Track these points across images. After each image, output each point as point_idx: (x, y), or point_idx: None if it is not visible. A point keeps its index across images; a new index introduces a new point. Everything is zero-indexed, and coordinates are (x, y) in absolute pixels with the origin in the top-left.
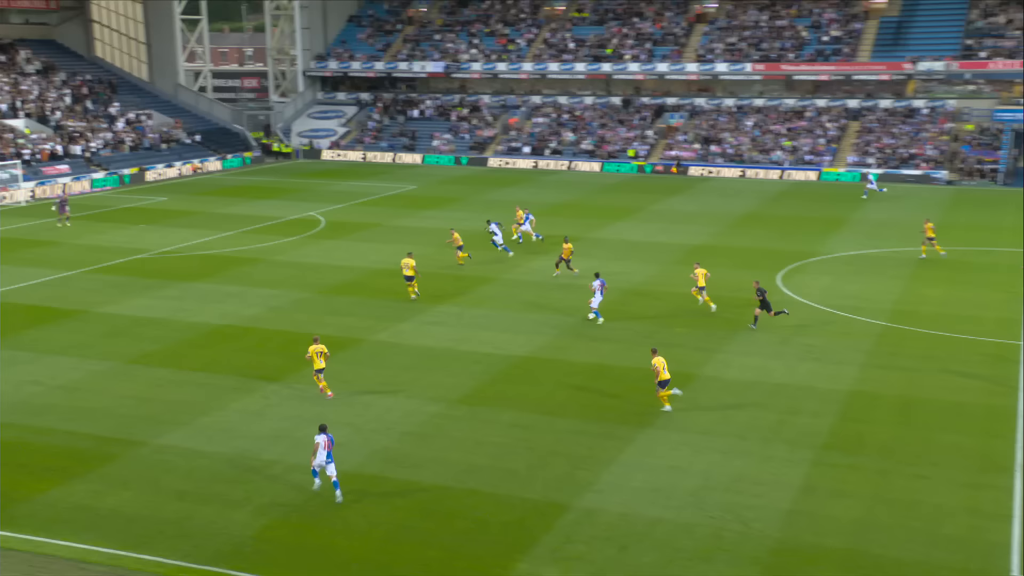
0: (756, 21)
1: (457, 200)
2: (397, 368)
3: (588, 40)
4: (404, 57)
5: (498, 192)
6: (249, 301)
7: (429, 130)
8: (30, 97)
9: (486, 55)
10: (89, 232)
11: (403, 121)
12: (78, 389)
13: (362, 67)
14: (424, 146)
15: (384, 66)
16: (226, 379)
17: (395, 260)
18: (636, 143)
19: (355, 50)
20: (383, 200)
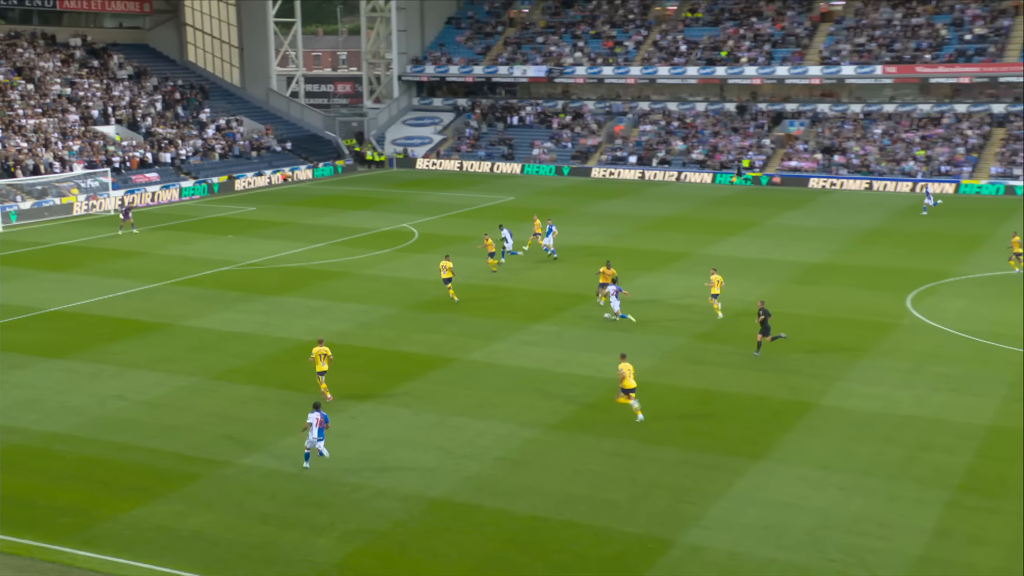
0: (888, 19)
1: (557, 212)
2: (491, 390)
3: (701, 42)
4: (504, 61)
5: (601, 204)
6: (337, 316)
7: (529, 138)
8: (121, 103)
9: (591, 58)
10: (176, 243)
11: (502, 128)
12: (162, 405)
13: (460, 71)
14: (523, 155)
15: (483, 70)
16: (312, 398)
17: (487, 273)
18: (751, 152)
19: (453, 53)
20: (479, 212)
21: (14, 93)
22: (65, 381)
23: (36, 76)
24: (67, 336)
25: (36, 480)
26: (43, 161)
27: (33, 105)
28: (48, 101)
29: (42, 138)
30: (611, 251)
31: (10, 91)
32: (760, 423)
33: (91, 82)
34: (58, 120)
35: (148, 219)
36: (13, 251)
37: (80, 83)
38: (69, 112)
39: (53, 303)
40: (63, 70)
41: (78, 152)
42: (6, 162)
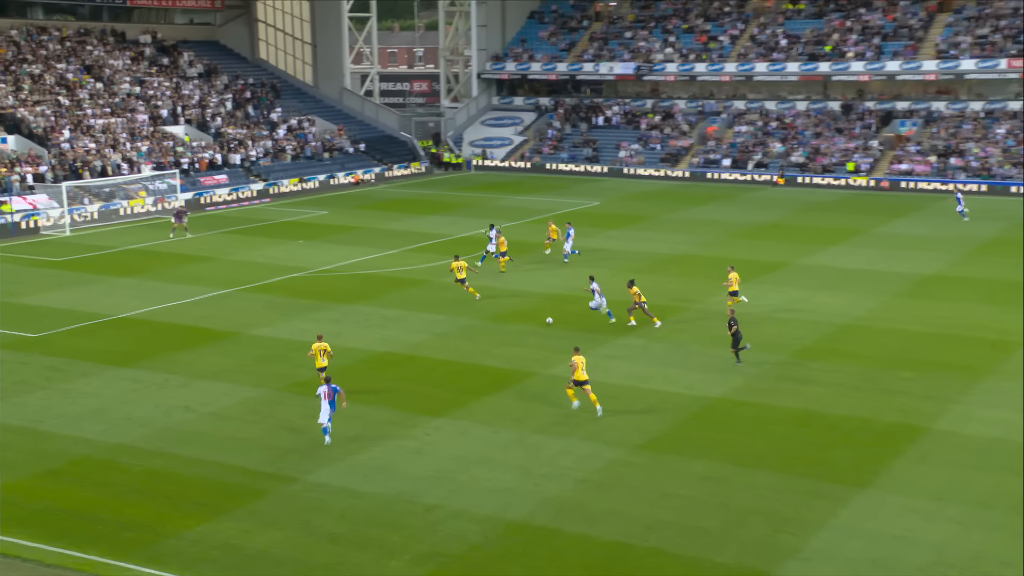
0: (1016, 8)
1: (645, 218)
2: (570, 407)
3: (803, 36)
4: (590, 57)
5: (692, 210)
6: (412, 326)
7: (615, 139)
8: (191, 102)
9: (683, 55)
10: (245, 248)
11: (586, 129)
12: (229, 417)
13: (543, 68)
14: (609, 157)
15: (567, 67)
16: (384, 412)
17: (575, 285)
18: (857, 155)
19: (535, 50)
20: (562, 217)
21: (83, 92)
22: (131, 391)
23: (105, 75)
24: (134, 344)
25: (101, 493)
26: (111, 162)
27: (102, 104)
28: (117, 100)
29: (110, 138)
30: (701, 261)
31: (79, 90)
32: (866, 448)
33: (160, 80)
34: (126, 120)
35: (216, 223)
36: (81, 255)
37: (149, 81)
38: (138, 112)
39: (121, 309)
40: (132, 68)
41: (146, 153)
42: (74, 163)
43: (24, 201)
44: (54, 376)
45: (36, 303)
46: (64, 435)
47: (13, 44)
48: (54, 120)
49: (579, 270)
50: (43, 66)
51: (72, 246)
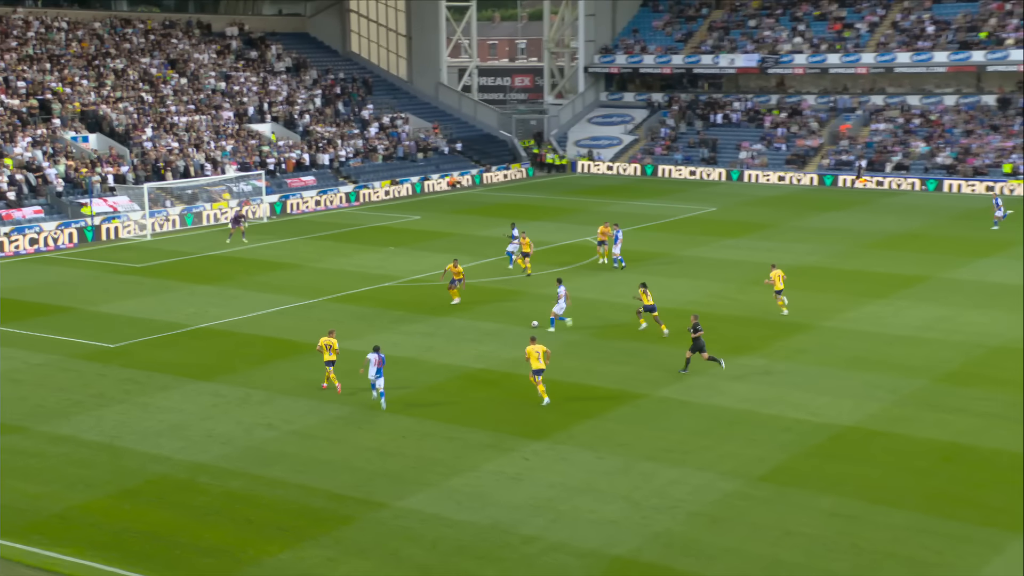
0: None
1: (767, 226)
2: (685, 432)
3: (954, 21)
4: (708, 49)
5: (821, 217)
6: (510, 341)
7: (735, 139)
8: (278, 99)
9: (813, 45)
10: (332, 255)
11: (703, 128)
12: (314, 436)
13: (656, 61)
14: (728, 158)
15: (683, 60)
16: (480, 434)
17: (688, 297)
18: (1015, 155)
19: (648, 41)
20: (675, 224)
21: (167, 88)
22: (212, 406)
23: (190, 69)
24: (215, 356)
25: (179, 515)
26: (194, 163)
27: (186, 101)
28: (201, 97)
29: (194, 137)
30: (830, 273)
31: (163, 85)
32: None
33: (247, 75)
34: (211, 117)
35: (302, 228)
36: (161, 261)
37: (235, 77)
38: (223, 108)
39: (201, 319)
40: (218, 62)
41: (231, 153)
42: (156, 163)
43: (105, 203)
44: (132, 389)
45: (115, 311)
46: (142, 452)
47: (96, 38)
48: (136, 118)
49: (696, 283)
50: (126, 60)
51: (152, 251)
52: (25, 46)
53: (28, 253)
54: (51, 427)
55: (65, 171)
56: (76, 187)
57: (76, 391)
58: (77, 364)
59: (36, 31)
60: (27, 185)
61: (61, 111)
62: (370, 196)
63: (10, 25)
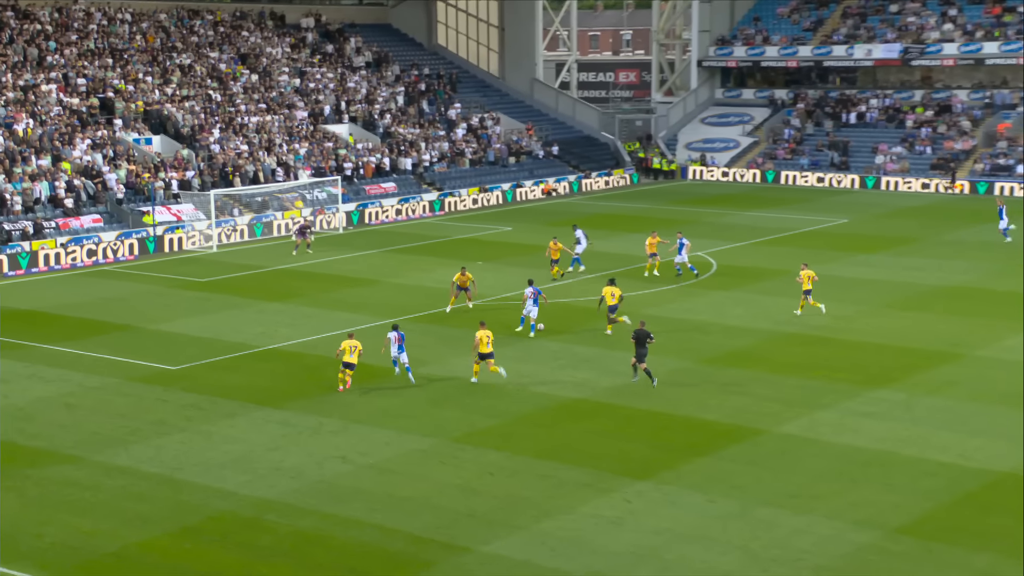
0: None
1: (909, 241)
2: (810, 474)
3: None
4: (841, 39)
5: (973, 231)
6: (609, 368)
7: (871, 141)
8: (357, 97)
9: (966, 32)
10: (414, 269)
11: (833, 128)
12: (392, 471)
13: (780, 53)
14: (862, 163)
15: (812, 52)
16: (575, 471)
17: (816, 321)
18: None
19: (772, 30)
20: (800, 238)
21: (236, 85)
22: (280, 436)
23: (262, 65)
24: (285, 380)
25: (243, 556)
26: (264, 167)
27: (257, 100)
28: (274, 95)
29: (265, 139)
30: (984, 295)
31: (232, 83)
32: None
33: (323, 71)
34: (283, 118)
35: (381, 239)
36: (227, 275)
37: (311, 73)
38: (297, 108)
39: (270, 339)
40: (292, 57)
41: (305, 156)
42: (224, 168)
43: (168, 212)
44: (195, 416)
45: (177, 330)
46: (204, 486)
47: (162, 30)
48: (203, 118)
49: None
50: (193, 55)
51: (219, 264)
52: (86, 40)
53: (86, 266)
54: (107, 457)
55: (126, 176)
56: (138, 194)
57: (134, 417)
58: (136, 388)
59: (98, 23)
60: (85, 192)
61: (123, 110)
62: (456, 205)
63: (71, 18)
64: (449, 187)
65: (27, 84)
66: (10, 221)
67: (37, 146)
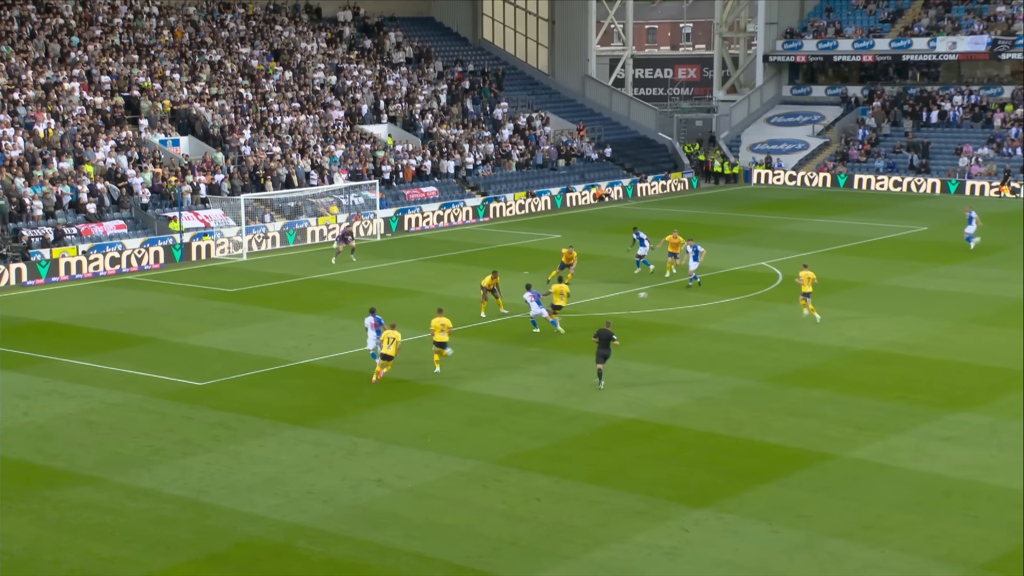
0: None
1: (994, 250)
2: (886, 504)
3: None
4: (922, 31)
5: None
6: (665, 386)
7: (955, 142)
8: (397, 95)
9: None
10: (456, 279)
11: (913, 128)
12: (431, 496)
13: (855, 47)
14: (945, 165)
15: (889, 45)
16: (628, 497)
17: (889, 337)
18: None
19: (845, 22)
20: (875, 247)
21: (269, 83)
22: (313, 457)
23: (296, 61)
24: (318, 398)
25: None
26: (298, 170)
27: (290, 98)
28: (308, 93)
29: (299, 140)
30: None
31: (264, 80)
32: None
33: (361, 68)
34: (318, 117)
35: (422, 247)
36: (258, 285)
37: (348, 69)
38: (333, 107)
39: (303, 354)
40: (328, 53)
41: (340, 159)
42: (255, 171)
43: (196, 218)
44: (222, 435)
45: (204, 344)
46: (231, 509)
47: (191, 24)
48: (234, 117)
49: (901, 319)
50: (224, 51)
51: (249, 274)
52: (111, 35)
53: (108, 274)
54: (129, 478)
55: (152, 180)
56: (164, 198)
57: (159, 436)
58: (160, 405)
59: (123, 17)
60: (109, 196)
61: (149, 110)
62: (502, 211)
63: (95, 11)
64: (494, 192)
65: (49, 82)
66: (30, 227)
67: (59, 148)
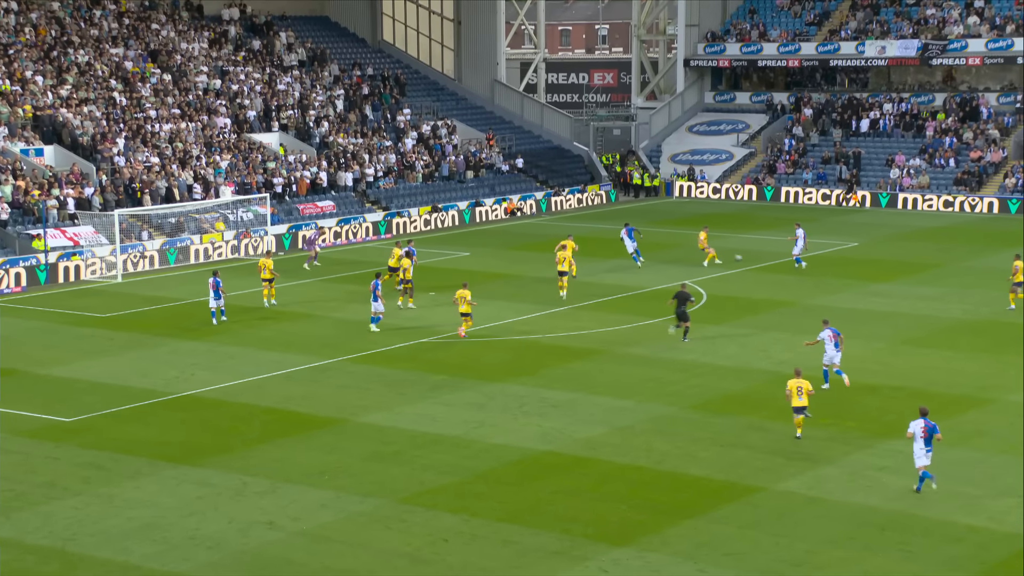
0: None
1: (928, 267)
2: (817, 539)
3: None
4: (850, 34)
5: (999, 256)
6: (583, 415)
7: (885, 152)
8: (288, 101)
9: (995, 26)
10: (355, 301)
11: (842, 137)
12: (328, 539)
13: (780, 51)
14: (875, 177)
15: (816, 49)
16: (543, 536)
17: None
18: None
19: (770, 24)
20: (807, 263)
21: (145, 87)
22: (197, 499)
23: (176, 63)
24: (202, 433)
25: None
26: (179, 183)
27: (170, 104)
28: (190, 98)
29: (179, 150)
30: (1015, 330)
31: (140, 84)
32: None
33: (248, 71)
34: (201, 125)
35: (318, 267)
36: (133, 309)
37: (234, 73)
38: (218, 114)
39: (185, 385)
40: (212, 54)
41: (227, 171)
42: (131, 184)
43: (63, 235)
44: (93, 476)
45: (73, 375)
46: (104, 559)
47: (55, 22)
48: (106, 125)
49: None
50: (93, 51)
51: (124, 297)
52: None
53: None
54: None
55: (12, 194)
56: (26, 214)
57: (19, 479)
58: (22, 444)
59: None
60: None
61: (9, 116)
62: (405, 226)
63: None
64: (397, 206)
65: None
66: None
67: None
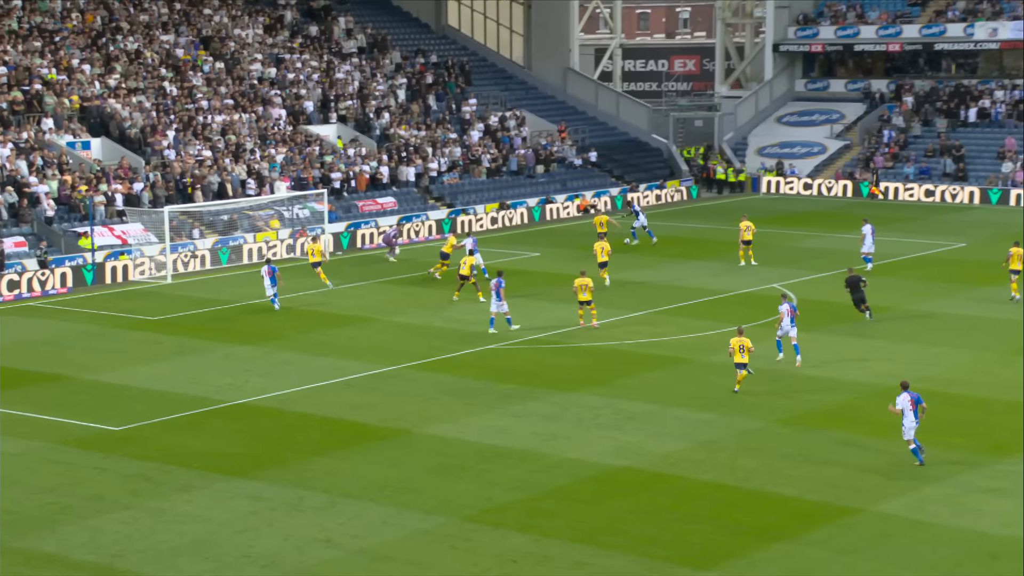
0: None
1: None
2: (921, 565)
3: None
4: (958, 15)
5: None
6: (663, 427)
7: (996, 144)
8: (347, 91)
9: None
10: (418, 305)
11: (947, 128)
12: (389, 558)
13: (878, 35)
14: (984, 171)
15: (919, 32)
16: (619, 559)
17: (924, 372)
18: None
19: (867, 5)
20: (904, 266)
21: (197, 76)
22: (250, 513)
23: (228, 50)
24: (256, 443)
25: None
26: (232, 178)
27: (223, 94)
28: (243, 88)
29: (232, 143)
30: None
31: (191, 73)
32: None
33: (305, 59)
34: (255, 116)
35: (377, 268)
36: (183, 312)
37: (290, 60)
38: (272, 104)
39: (239, 393)
40: (266, 41)
41: (282, 165)
42: (182, 179)
43: (111, 233)
44: (142, 489)
45: (121, 381)
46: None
47: (104, 7)
48: (155, 116)
49: (935, 350)
50: (143, 38)
51: (174, 299)
52: (8, 18)
53: (6, 301)
54: (30, 542)
55: (58, 189)
56: (72, 211)
57: (66, 492)
58: (68, 454)
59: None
60: (7, 208)
61: (55, 107)
62: (470, 224)
63: None
64: (462, 203)
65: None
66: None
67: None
